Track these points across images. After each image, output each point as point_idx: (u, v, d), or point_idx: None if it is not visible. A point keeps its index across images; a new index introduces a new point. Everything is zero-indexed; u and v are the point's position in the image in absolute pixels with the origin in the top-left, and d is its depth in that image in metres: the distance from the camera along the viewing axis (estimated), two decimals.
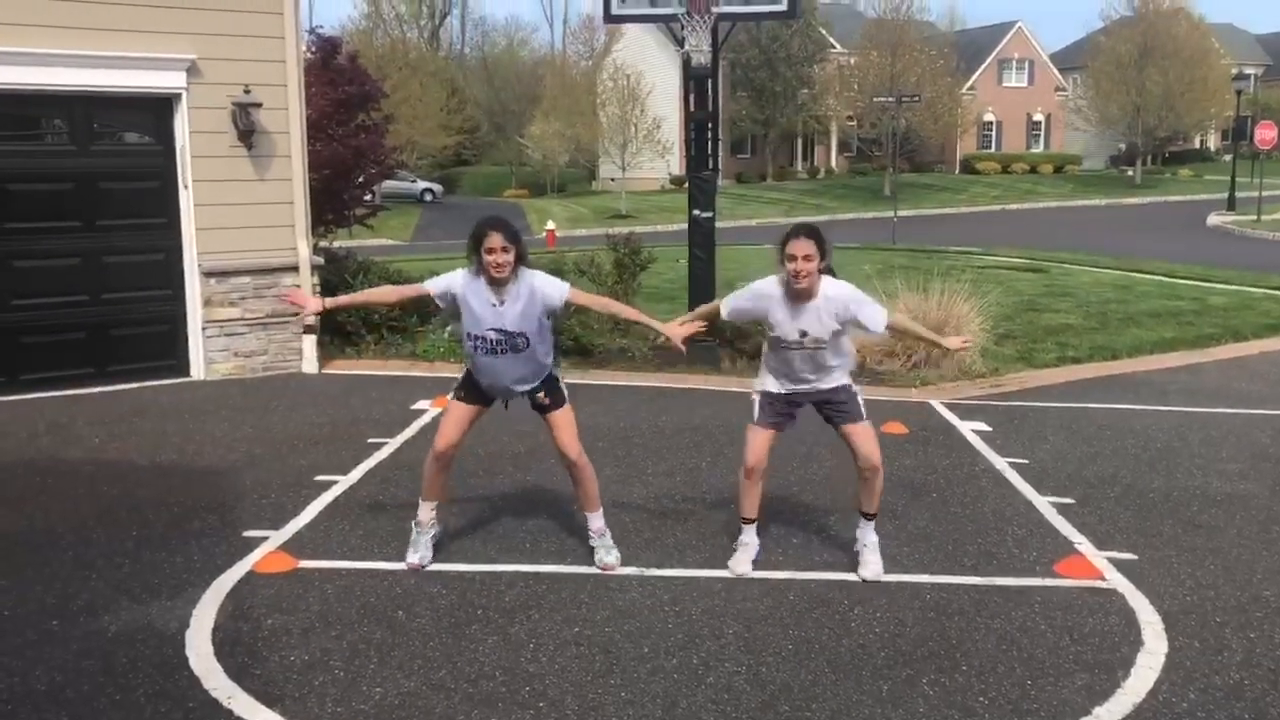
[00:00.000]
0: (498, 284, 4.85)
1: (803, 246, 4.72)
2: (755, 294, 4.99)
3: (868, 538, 5.17)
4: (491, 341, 4.89)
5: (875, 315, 4.91)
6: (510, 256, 4.78)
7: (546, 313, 4.93)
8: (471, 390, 5.13)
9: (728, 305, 5.15)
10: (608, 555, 5.17)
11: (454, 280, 4.95)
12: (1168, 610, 4.68)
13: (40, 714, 3.83)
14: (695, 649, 4.32)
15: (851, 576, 5.04)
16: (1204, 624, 4.55)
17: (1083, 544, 5.49)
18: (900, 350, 9.78)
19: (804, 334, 4.85)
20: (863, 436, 5.01)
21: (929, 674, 4.11)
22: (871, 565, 5.08)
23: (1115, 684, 4.04)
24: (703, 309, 5.64)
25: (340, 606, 4.72)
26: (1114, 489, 6.43)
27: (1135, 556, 5.31)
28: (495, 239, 4.75)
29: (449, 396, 5.23)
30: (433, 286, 5.00)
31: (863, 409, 5.05)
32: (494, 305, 4.86)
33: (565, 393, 5.15)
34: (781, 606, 4.73)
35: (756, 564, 5.16)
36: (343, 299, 5.52)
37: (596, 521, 5.24)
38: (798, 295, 4.81)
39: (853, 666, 4.18)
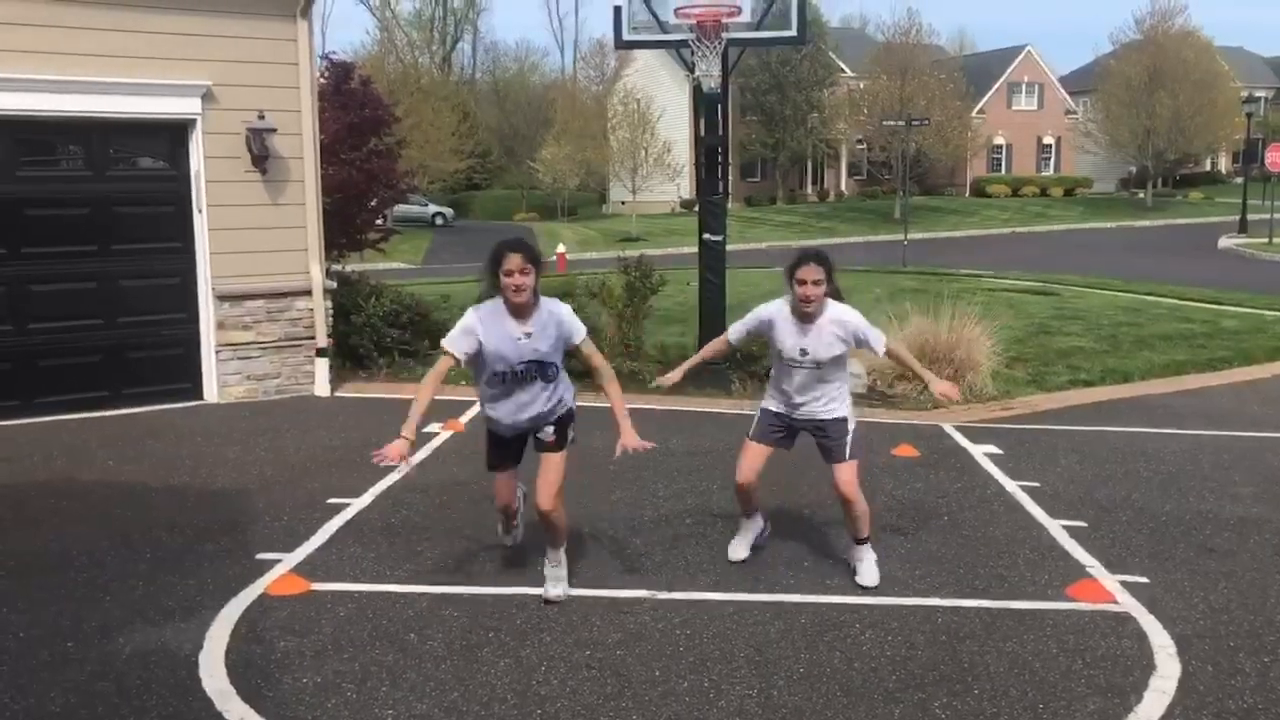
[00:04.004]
0: (519, 312, 4.64)
1: (811, 272, 5.01)
2: (758, 317, 5.27)
3: (864, 555, 5.35)
4: (520, 373, 4.70)
5: (876, 339, 5.16)
6: (530, 279, 4.56)
7: (566, 344, 4.80)
8: (497, 449, 5.02)
9: (734, 333, 5.43)
10: (554, 588, 4.98)
11: (468, 323, 4.67)
12: (1180, 634, 4.66)
13: None
14: (706, 672, 4.32)
15: (863, 600, 5.05)
16: (1217, 648, 4.54)
17: (1095, 567, 5.48)
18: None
19: (804, 352, 5.10)
20: (843, 474, 5.23)
21: (940, 698, 4.11)
22: (867, 574, 5.25)
23: (1128, 708, 4.03)
24: (710, 348, 5.83)
25: (353, 629, 4.74)
26: (1126, 512, 6.42)
27: (1147, 580, 5.30)
28: (514, 260, 4.54)
29: (487, 466, 5.14)
30: (451, 346, 4.66)
31: (848, 449, 5.23)
32: (518, 339, 4.66)
33: (570, 439, 4.99)
34: (793, 629, 4.73)
35: (767, 586, 5.18)
36: (415, 418, 4.58)
37: (556, 556, 5.06)
38: (805, 317, 5.09)
39: (864, 690, 4.17)
